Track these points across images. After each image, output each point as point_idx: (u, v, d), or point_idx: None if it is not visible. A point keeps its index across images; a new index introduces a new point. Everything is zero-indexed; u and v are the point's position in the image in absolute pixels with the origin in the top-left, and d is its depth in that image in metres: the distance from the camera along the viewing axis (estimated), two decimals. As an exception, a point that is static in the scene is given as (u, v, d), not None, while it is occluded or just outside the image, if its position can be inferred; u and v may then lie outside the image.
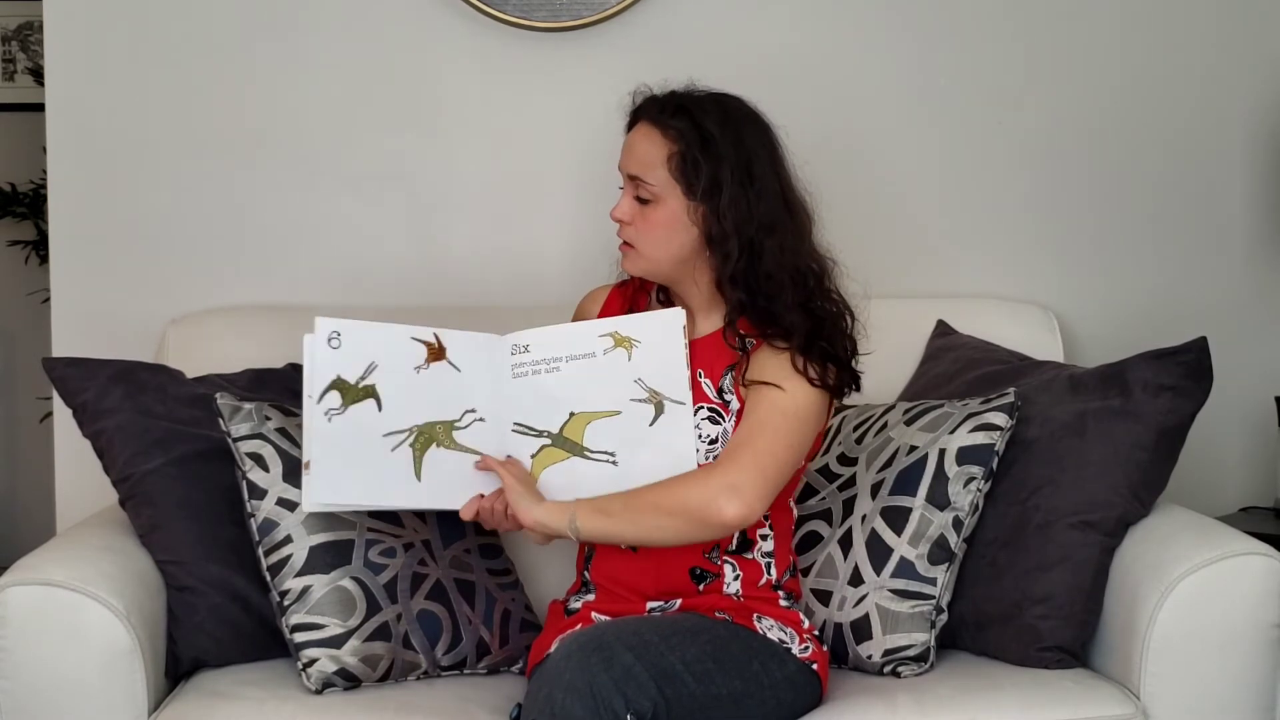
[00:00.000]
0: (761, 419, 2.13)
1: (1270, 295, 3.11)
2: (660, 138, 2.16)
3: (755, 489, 2.09)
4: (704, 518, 2.09)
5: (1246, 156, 3.09)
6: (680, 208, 2.16)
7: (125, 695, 2.14)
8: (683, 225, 2.16)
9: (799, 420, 2.14)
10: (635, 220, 2.19)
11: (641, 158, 2.17)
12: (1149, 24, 3.04)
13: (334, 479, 2.15)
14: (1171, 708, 2.21)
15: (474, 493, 2.20)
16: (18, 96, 4.79)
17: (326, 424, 2.15)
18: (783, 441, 2.12)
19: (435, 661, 2.31)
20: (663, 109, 2.18)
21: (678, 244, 2.18)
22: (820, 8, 2.96)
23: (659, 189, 2.16)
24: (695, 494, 2.09)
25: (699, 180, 2.14)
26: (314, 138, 2.88)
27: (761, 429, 2.12)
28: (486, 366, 2.22)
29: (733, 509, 2.07)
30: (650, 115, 2.19)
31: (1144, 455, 2.35)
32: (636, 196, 2.18)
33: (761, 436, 2.12)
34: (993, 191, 3.03)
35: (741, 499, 2.07)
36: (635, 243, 2.20)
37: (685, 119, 2.15)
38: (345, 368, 2.16)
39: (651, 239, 2.18)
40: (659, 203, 2.17)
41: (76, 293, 2.85)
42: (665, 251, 2.19)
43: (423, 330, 2.22)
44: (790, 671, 2.16)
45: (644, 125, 2.19)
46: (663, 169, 2.15)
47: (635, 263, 2.22)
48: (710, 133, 2.14)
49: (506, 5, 2.86)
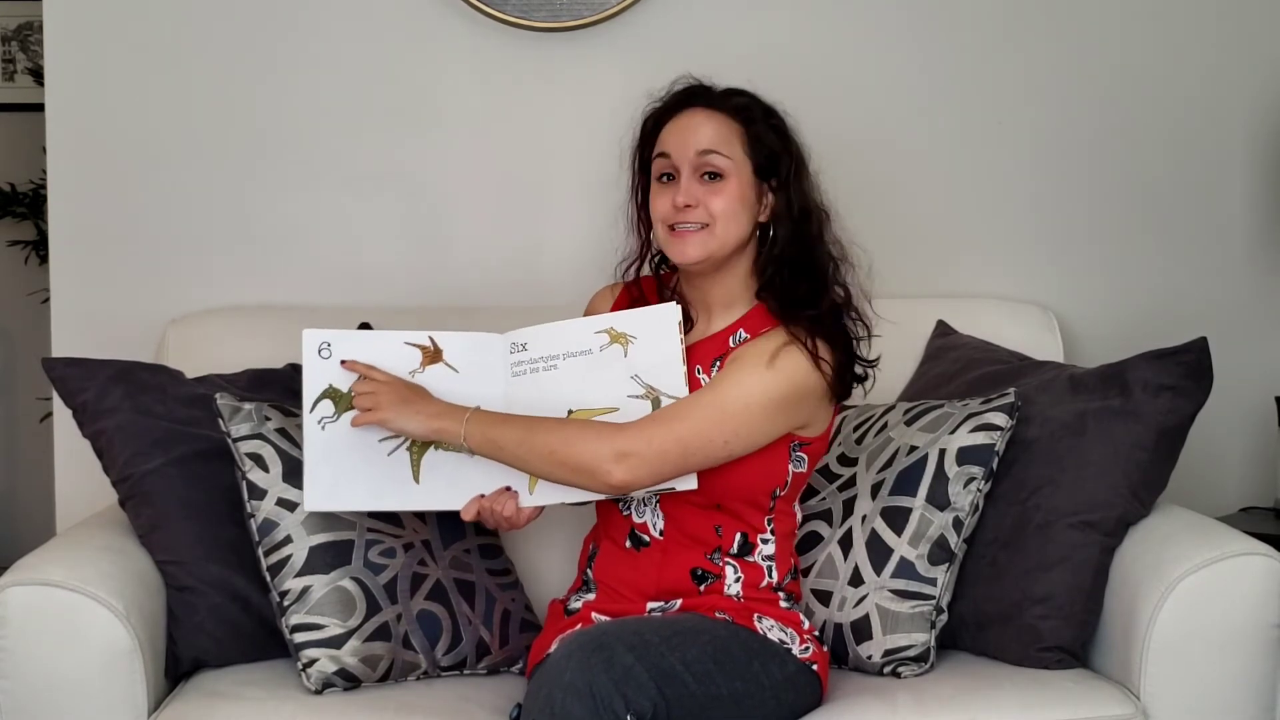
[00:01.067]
0: (695, 403, 2.13)
1: (1270, 295, 3.11)
2: (725, 118, 2.19)
3: (646, 465, 2.08)
4: (591, 475, 2.10)
5: (1246, 156, 3.09)
6: (749, 184, 2.19)
7: (125, 695, 2.14)
8: (749, 203, 2.19)
9: (739, 416, 2.12)
10: (703, 199, 2.18)
11: (714, 134, 2.18)
12: (1149, 24, 3.04)
13: (330, 484, 2.19)
14: (1171, 708, 2.21)
15: (474, 493, 2.20)
16: (18, 96, 4.79)
17: (320, 431, 2.18)
18: (702, 432, 2.10)
19: (435, 662, 2.31)
20: (714, 96, 2.22)
21: (745, 221, 2.19)
22: (820, 8, 2.96)
23: (733, 164, 2.18)
24: (589, 451, 2.09)
25: (764, 159, 2.18)
26: (314, 138, 2.88)
27: (688, 413, 2.12)
28: (484, 367, 2.23)
29: (619, 475, 2.08)
30: (705, 100, 2.21)
31: (1144, 455, 2.35)
32: (706, 174, 2.18)
33: (681, 420, 2.11)
34: (993, 191, 3.03)
35: (629, 470, 2.08)
36: (713, 221, 2.17)
37: (748, 100, 2.21)
38: (337, 376, 2.19)
39: (727, 216, 2.17)
40: (730, 178, 2.18)
41: (76, 293, 2.85)
42: (736, 229, 2.19)
43: (417, 335, 2.23)
44: (790, 672, 2.16)
45: (699, 110, 2.21)
46: (737, 144, 2.18)
47: (705, 244, 2.18)
48: (774, 113, 2.21)
49: (506, 5, 2.86)
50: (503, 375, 2.22)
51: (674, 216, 2.18)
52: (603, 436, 2.10)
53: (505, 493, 2.21)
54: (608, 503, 2.27)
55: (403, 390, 2.18)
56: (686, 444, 2.10)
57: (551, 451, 2.11)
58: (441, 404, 2.18)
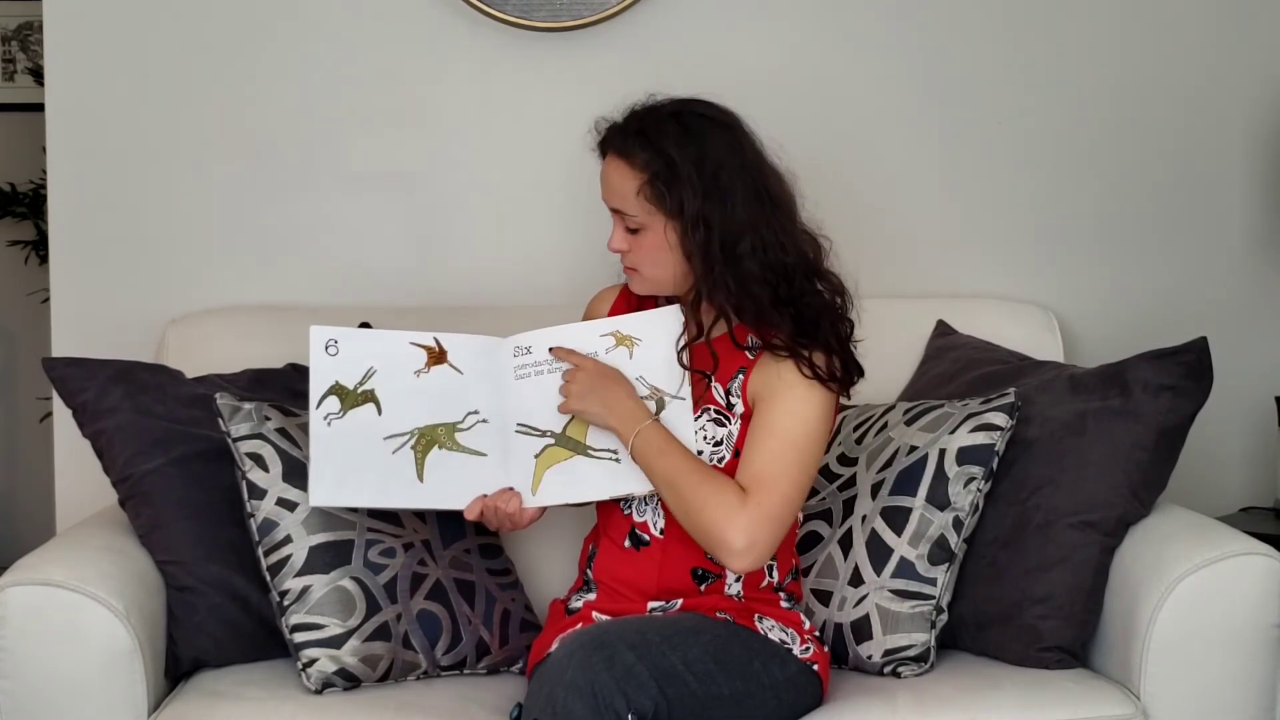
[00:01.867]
0: (774, 453, 2.13)
1: (1270, 295, 3.11)
2: (628, 169, 2.16)
3: (767, 544, 2.11)
4: (714, 550, 2.13)
5: (1246, 156, 3.08)
6: (666, 228, 2.16)
7: (125, 695, 2.14)
8: (670, 246, 2.17)
9: (809, 449, 2.15)
10: (631, 248, 2.20)
11: (617, 191, 2.19)
12: (1149, 24, 3.04)
13: (335, 481, 2.19)
14: (1171, 708, 2.21)
15: (478, 493, 2.20)
16: (18, 96, 4.79)
17: (326, 428, 2.18)
18: (797, 480, 2.14)
19: (435, 661, 2.31)
20: (625, 136, 2.18)
21: (671, 263, 2.18)
22: (820, 8, 2.96)
23: (641, 218, 2.17)
24: (720, 528, 2.09)
25: (668, 204, 2.14)
26: (314, 138, 2.88)
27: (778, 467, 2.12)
28: (488, 369, 2.23)
29: (741, 564, 2.11)
30: (615, 145, 2.19)
31: (1144, 455, 2.35)
32: (625, 227, 2.20)
33: (781, 479, 2.12)
34: (993, 191, 3.03)
35: (754, 558, 2.11)
36: (637, 267, 2.21)
37: (646, 146, 2.15)
38: (343, 373, 2.20)
39: (650, 263, 2.19)
40: (645, 230, 2.17)
41: (76, 293, 2.84)
42: (665, 272, 2.19)
43: (422, 335, 2.23)
44: (791, 672, 2.16)
45: (612, 158, 2.20)
46: (636, 200, 2.16)
47: (641, 285, 2.23)
48: (670, 156, 2.14)
49: (506, 5, 2.86)
50: (507, 378, 2.23)
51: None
52: (730, 517, 2.09)
53: (509, 492, 2.21)
54: (608, 502, 2.28)
55: (600, 373, 2.19)
56: (792, 499, 2.14)
57: (686, 512, 2.13)
58: (629, 402, 2.17)
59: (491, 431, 2.22)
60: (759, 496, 2.11)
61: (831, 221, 2.23)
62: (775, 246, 2.15)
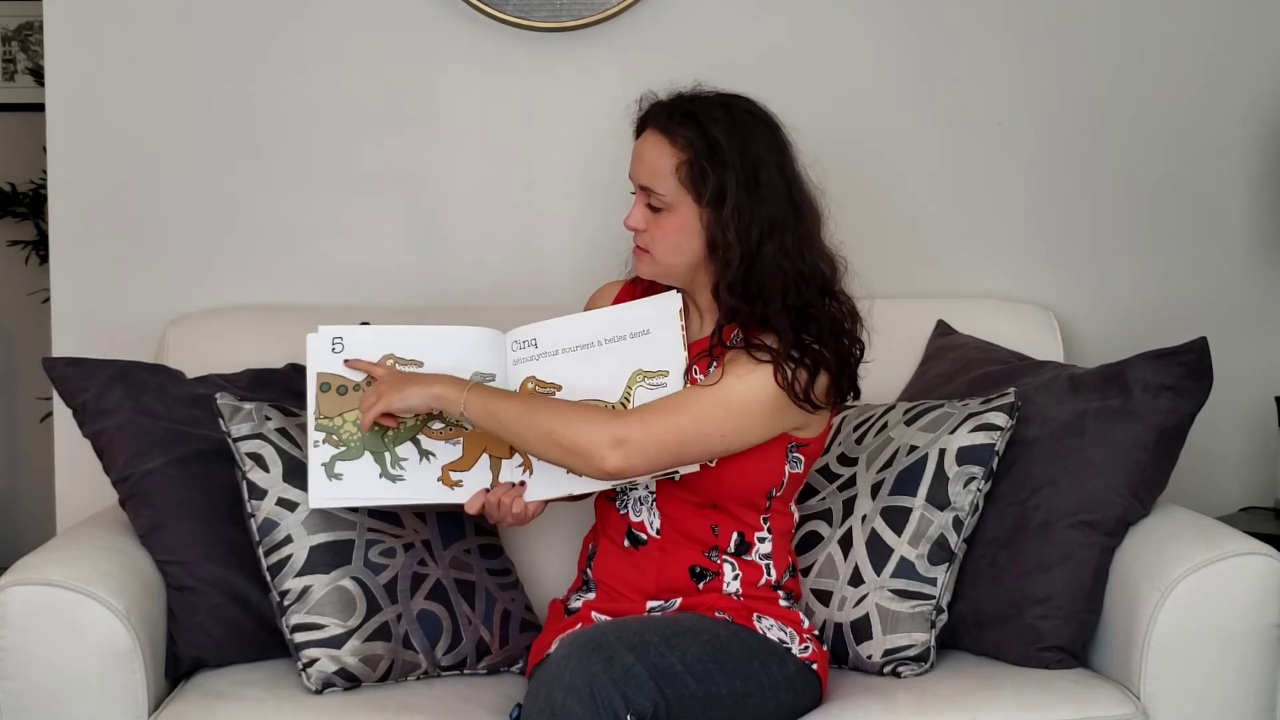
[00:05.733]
0: (696, 395, 2.12)
1: (1270, 295, 3.11)
2: (669, 146, 2.16)
3: (643, 453, 2.08)
4: (586, 459, 2.09)
5: (1246, 156, 3.09)
6: (691, 215, 2.15)
7: (125, 695, 2.14)
8: (694, 232, 2.16)
9: (739, 412, 2.12)
10: (649, 228, 2.19)
11: (651, 167, 2.17)
12: (1149, 24, 3.04)
13: (334, 480, 2.18)
14: (1171, 708, 2.21)
15: (479, 487, 2.20)
16: (18, 96, 4.79)
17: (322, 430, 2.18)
18: (702, 426, 2.10)
19: (435, 661, 2.31)
20: (670, 115, 2.17)
21: (689, 250, 2.17)
22: (821, 8, 2.96)
23: (670, 197, 2.16)
24: (586, 434, 2.08)
25: (706, 188, 2.13)
26: (314, 138, 2.88)
27: (689, 405, 2.11)
28: (491, 361, 2.23)
29: (613, 461, 2.07)
30: (658, 123, 2.18)
31: (1144, 455, 2.35)
32: (649, 205, 2.18)
33: (683, 412, 2.11)
34: (993, 191, 3.03)
35: (624, 456, 2.07)
36: (650, 248, 2.20)
37: (693, 126, 2.15)
38: (348, 370, 2.21)
39: (665, 246, 2.18)
40: (670, 211, 2.16)
41: (76, 293, 2.84)
42: (678, 258, 2.19)
43: (426, 329, 2.24)
44: (790, 672, 2.16)
45: (652, 133, 2.18)
46: (672, 178, 2.15)
47: (649, 267, 2.22)
48: (717, 140, 2.14)
49: (506, 5, 2.86)
50: (504, 367, 2.23)
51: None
52: (601, 421, 2.10)
53: (513, 487, 2.21)
54: (605, 501, 2.28)
55: (399, 374, 2.20)
56: (685, 435, 2.10)
57: (549, 431, 2.10)
58: (440, 375, 2.18)
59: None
60: (643, 409, 2.11)
61: (831, 222, 2.23)
62: (795, 254, 2.15)
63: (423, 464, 2.20)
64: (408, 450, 2.20)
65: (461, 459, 2.21)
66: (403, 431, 2.20)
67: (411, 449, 2.20)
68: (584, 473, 2.12)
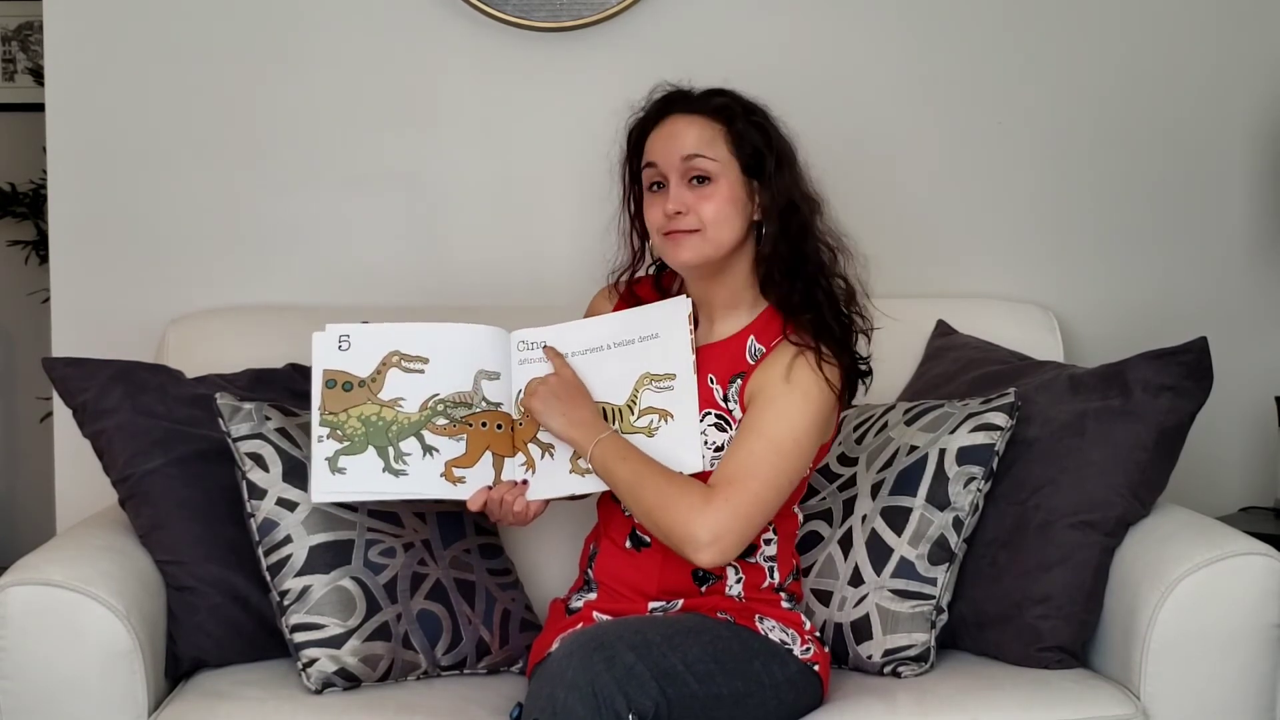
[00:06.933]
0: (753, 453, 2.12)
1: (1270, 295, 3.11)
2: (706, 120, 2.18)
3: (735, 540, 2.09)
4: (679, 546, 2.10)
5: (1246, 156, 3.09)
6: (738, 183, 2.17)
7: (125, 695, 2.14)
8: (741, 203, 2.17)
9: (794, 454, 2.13)
10: (693, 205, 2.16)
11: (697, 138, 2.17)
12: (1149, 24, 3.04)
13: (336, 475, 2.18)
14: (1171, 708, 2.21)
15: (481, 484, 2.20)
16: (18, 96, 4.79)
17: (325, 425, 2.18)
18: (774, 482, 2.12)
19: (435, 661, 2.31)
20: (691, 100, 2.21)
21: (738, 222, 2.18)
22: (821, 8, 2.96)
23: (720, 166, 2.16)
24: (682, 522, 2.08)
25: (750, 156, 2.17)
26: (314, 138, 2.88)
27: (754, 468, 2.11)
28: (496, 359, 2.23)
29: (706, 558, 2.08)
30: (684, 106, 2.20)
31: (1144, 455, 2.35)
32: (693, 178, 2.16)
33: (754, 478, 2.11)
34: (993, 191, 3.03)
35: (719, 551, 2.08)
36: (703, 224, 2.16)
37: (727, 99, 2.19)
38: (354, 367, 2.21)
39: (718, 220, 2.16)
40: (718, 180, 2.16)
41: (76, 293, 2.85)
42: (729, 231, 2.17)
43: (430, 328, 2.24)
44: (791, 672, 2.16)
45: (680, 116, 2.20)
46: (722, 144, 2.17)
47: (699, 248, 2.17)
48: (754, 109, 2.20)
49: (506, 5, 2.86)
50: (509, 366, 2.23)
51: (667, 224, 2.17)
52: (694, 511, 2.08)
53: (515, 485, 2.21)
54: (609, 503, 2.28)
55: (563, 387, 2.19)
56: (765, 500, 2.12)
57: (649, 511, 2.11)
58: (589, 415, 2.18)
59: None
60: (728, 492, 2.10)
61: (831, 221, 2.24)
62: (817, 229, 2.20)
63: (426, 459, 2.20)
64: (411, 445, 2.20)
65: (465, 455, 2.21)
66: (407, 426, 2.20)
67: (415, 444, 2.20)
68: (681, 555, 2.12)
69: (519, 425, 2.23)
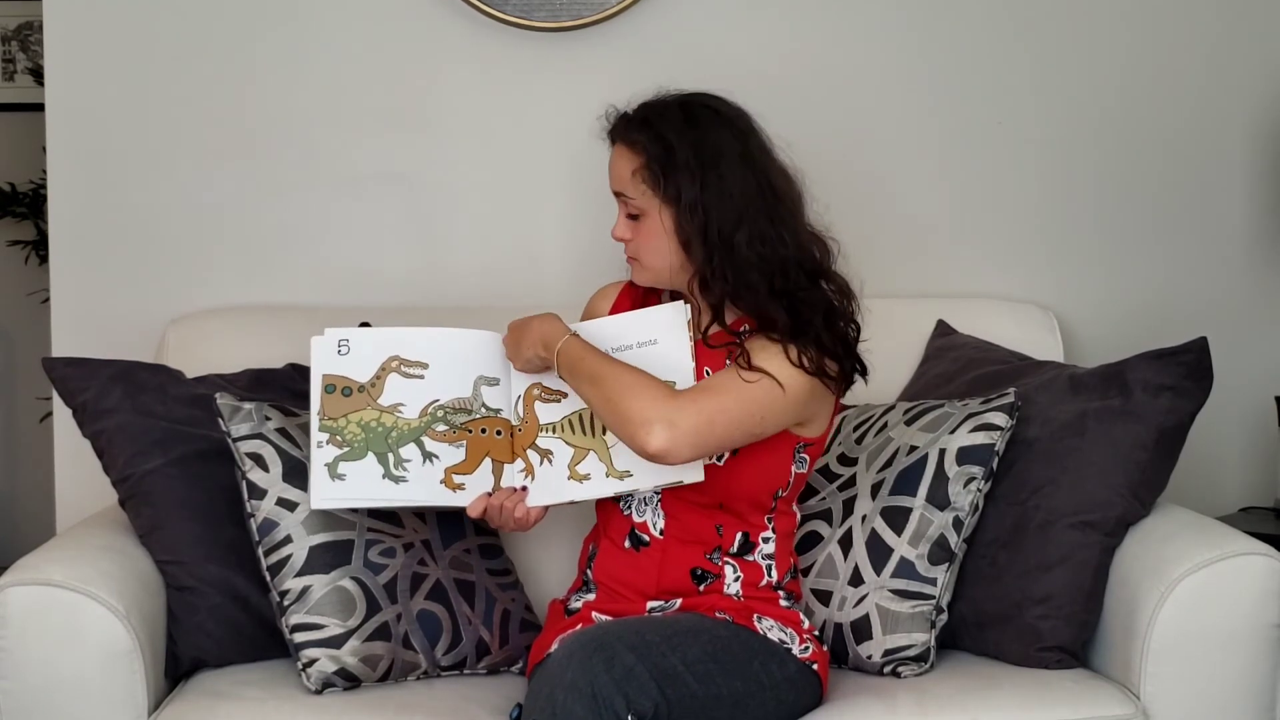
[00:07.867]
0: (741, 381, 2.12)
1: (1270, 295, 3.11)
2: (629, 153, 2.19)
3: (690, 436, 2.07)
4: (631, 431, 2.08)
5: (1246, 156, 3.09)
6: (659, 217, 2.18)
7: (125, 695, 2.14)
8: (666, 233, 2.18)
9: (774, 403, 2.12)
10: (633, 236, 2.22)
11: (619, 175, 2.21)
12: (1149, 24, 3.04)
13: (335, 481, 2.19)
14: (1171, 708, 2.21)
15: (481, 490, 2.20)
16: (18, 96, 4.79)
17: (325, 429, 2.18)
18: (744, 409, 2.10)
19: (435, 661, 2.31)
20: (629, 124, 2.21)
21: (668, 252, 2.19)
22: (820, 8, 2.96)
23: (640, 203, 2.19)
24: (638, 408, 2.07)
25: (665, 189, 2.16)
26: (314, 138, 2.88)
27: (733, 388, 2.11)
28: (497, 366, 2.24)
29: (657, 442, 2.06)
30: (620, 133, 2.22)
31: (1144, 455, 2.35)
32: (627, 214, 2.22)
33: (729, 394, 2.10)
34: (992, 191, 3.03)
35: (671, 439, 2.06)
36: (637, 256, 2.23)
37: (646, 130, 2.18)
38: (353, 371, 2.21)
39: (648, 251, 2.21)
40: (644, 216, 2.19)
41: (76, 293, 2.84)
42: (663, 261, 2.20)
43: (431, 331, 2.24)
44: (791, 672, 2.16)
45: (618, 144, 2.22)
46: (635, 183, 2.18)
47: (641, 275, 2.26)
48: (669, 141, 2.16)
49: (506, 5, 2.86)
50: (508, 371, 2.23)
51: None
52: (658, 400, 2.08)
53: (515, 492, 2.21)
54: (608, 502, 2.28)
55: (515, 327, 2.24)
56: (729, 413, 2.10)
57: (610, 397, 2.11)
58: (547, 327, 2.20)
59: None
60: (694, 393, 2.10)
61: (832, 221, 2.23)
62: (774, 239, 2.15)
63: (425, 466, 2.20)
64: (411, 452, 2.20)
65: (464, 462, 2.21)
66: (407, 433, 2.20)
67: (415, 451, 2.20)
68: (629, 446, 2.11)
69: (518, 432, 2.23)
